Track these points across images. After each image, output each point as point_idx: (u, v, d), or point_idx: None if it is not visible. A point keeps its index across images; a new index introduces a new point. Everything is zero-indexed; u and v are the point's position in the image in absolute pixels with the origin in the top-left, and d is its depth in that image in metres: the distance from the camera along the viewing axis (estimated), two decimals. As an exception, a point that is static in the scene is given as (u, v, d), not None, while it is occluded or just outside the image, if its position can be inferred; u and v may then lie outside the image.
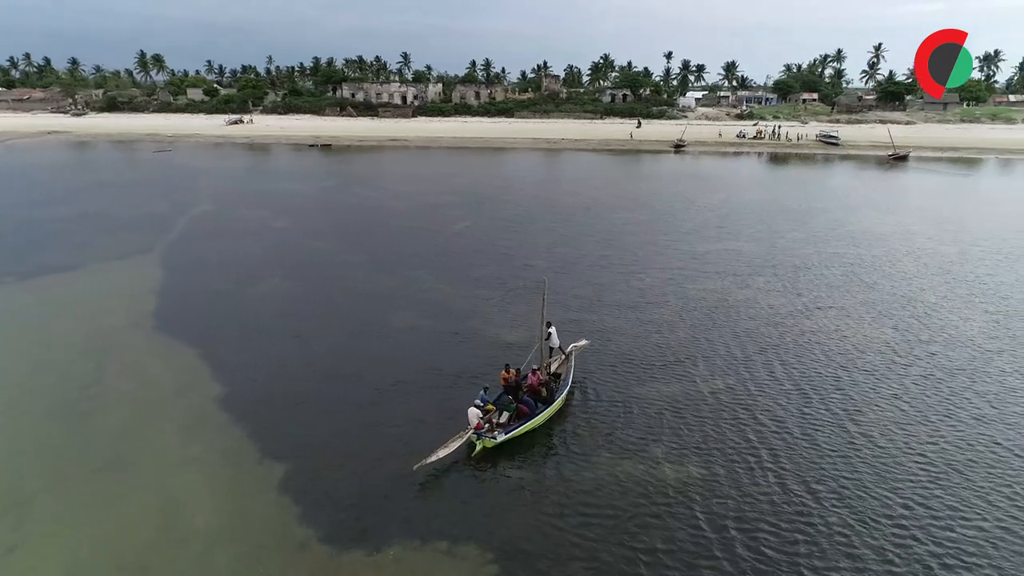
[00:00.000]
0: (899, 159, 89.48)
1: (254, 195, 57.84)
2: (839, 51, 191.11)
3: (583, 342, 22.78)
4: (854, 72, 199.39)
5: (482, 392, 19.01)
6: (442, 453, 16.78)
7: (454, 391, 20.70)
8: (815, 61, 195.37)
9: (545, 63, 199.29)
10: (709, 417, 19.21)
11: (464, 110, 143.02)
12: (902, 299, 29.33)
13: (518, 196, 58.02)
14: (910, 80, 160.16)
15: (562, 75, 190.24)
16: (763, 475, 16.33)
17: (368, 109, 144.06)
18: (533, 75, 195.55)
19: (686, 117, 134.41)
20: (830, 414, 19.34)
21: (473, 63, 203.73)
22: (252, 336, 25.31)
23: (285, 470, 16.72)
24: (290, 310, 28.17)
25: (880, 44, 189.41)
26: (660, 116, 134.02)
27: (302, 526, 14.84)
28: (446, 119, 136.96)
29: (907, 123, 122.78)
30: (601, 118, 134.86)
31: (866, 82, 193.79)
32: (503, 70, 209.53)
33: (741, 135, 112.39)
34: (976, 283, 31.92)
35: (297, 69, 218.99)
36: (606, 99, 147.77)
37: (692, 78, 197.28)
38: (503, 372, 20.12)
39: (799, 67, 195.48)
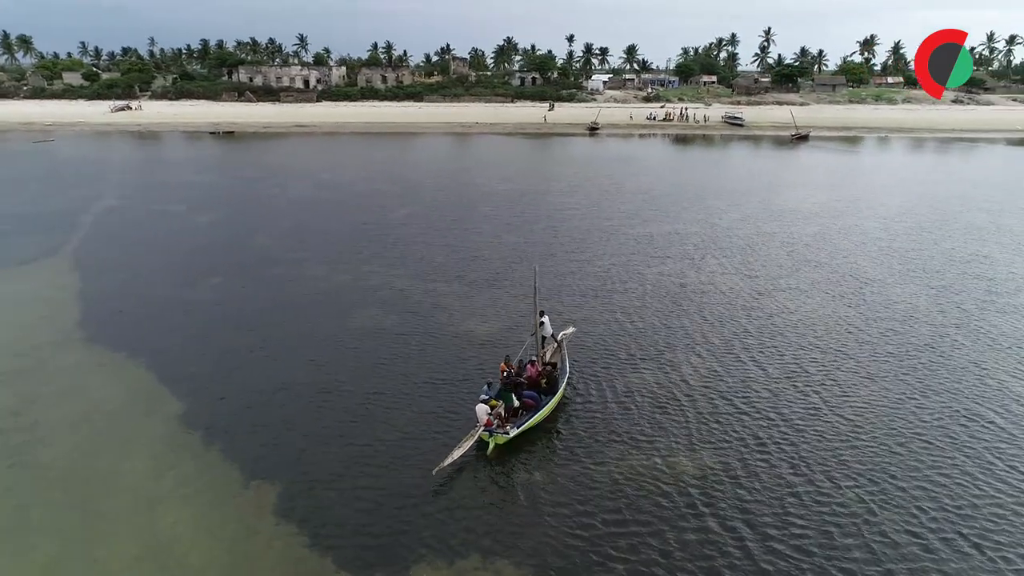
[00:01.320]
0: (801, 139, 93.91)
1: (163, 188, 53.60)
2: (733, 35, 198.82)
3: (570, 329, 22.18)
4: (746, 56, 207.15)
5: (485, 387, 18.15)
6: (457, 454, 15.91)
7: (442, 390, 19.62)
8: (711, 45, 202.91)
9: (448, 46, 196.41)
10: (704, 404, 18.98)
11: (371, 94, 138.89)
12: (848, 278, 30.32)
13: (449, 182, 56.68)
14: (797, 63, 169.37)
15: (467, 58, 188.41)
16: (771, 463, 16.18)
17: (269, 94, 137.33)
18: (438, 58, 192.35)
19: (595, 100, 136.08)
20: (819, 397, 19.50)
21: (375, 45, 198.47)
22: (203, 345, 23.12)
23: (280, 494, 15.16)
24: (239, 314, 26.01)
25: (769, 28, 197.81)
26: (570, 99, 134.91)
27: (314, 556, 13.44)
28: (353, 104, 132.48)
29: (802, 104, 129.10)
30: (512, 101, 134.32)
31: (758, 65, 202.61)
32: (405, 53, 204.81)
33: (651, 117, 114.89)
34: (908, 258, 33.55)
35: (185, 51, 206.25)
36: (516, 82, 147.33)
37: (596, 62, 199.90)
38: (502, 364, 19.34)
39: (696, 50, 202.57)
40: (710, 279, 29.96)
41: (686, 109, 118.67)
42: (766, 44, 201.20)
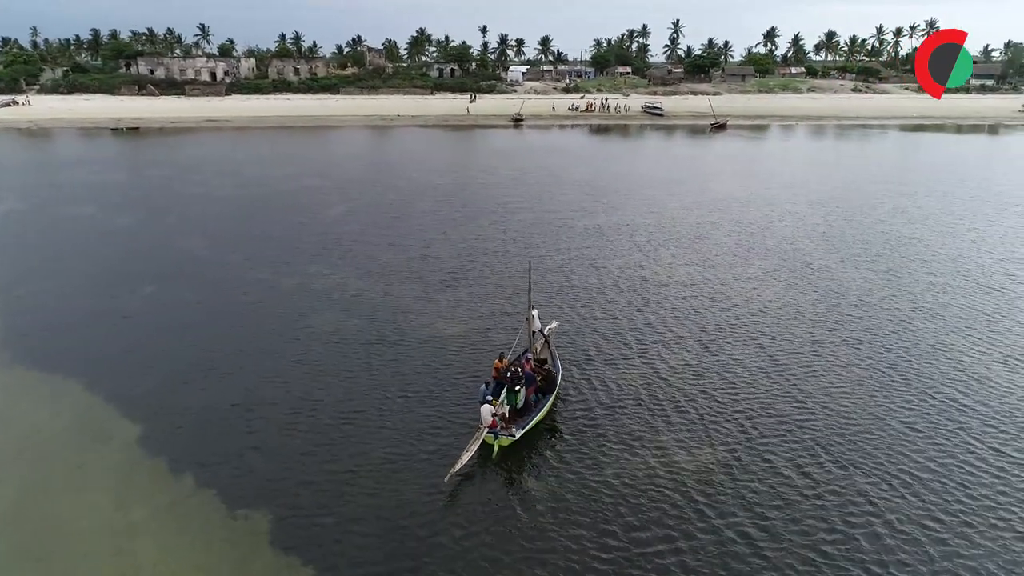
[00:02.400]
0: (719, 127, 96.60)
1: (71, 188, 49.42)
2: (644, 27, 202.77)
3: (554, 323, 21.49)
4: (656, 47, 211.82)
5: (483, 387, 17.30)
6: (465, 458, 15.08)
7: (424, 398, 18.50)
8: (623, 36, 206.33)
9: (360, 37, 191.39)
10: (690, 397, 18.68)
11: (284, 87, 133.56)
12: (800, 265, 30.89)
13: (382, 177, 54.85)
14: (706, 54, 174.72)
15: (382, 49, 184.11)
16: (763, 454, 16.03)
17: (173, 87, 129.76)
18: (350, 49, 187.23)
19: (515, 91, 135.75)
20: (799, 387, 19.55)
21: (282, 36, 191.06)
22: (146, 361, 21.03)
23: (273, 524, 13.77)
24: (181, 324, 23.89)
25: (678, 21, 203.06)
26: (490, 91, 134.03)
27: (322, 591, 12.27)
28: (265, 97, 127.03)
29: (715, 94, 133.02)
30: (432, 93, 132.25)
31: (668, 56, 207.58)
32: (315, 44, 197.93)
33: (574, 108, 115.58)
34: (848, 243, 34.63)
35: (74, 42, 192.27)
36: (434, 74, 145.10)
37: (512, 53, 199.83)
38: (496, 361, 18.55)
39: (609, 42, 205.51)
40: (669, 271, 29.86)
41: (606, 100, 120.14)
42: (675, 36, 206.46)
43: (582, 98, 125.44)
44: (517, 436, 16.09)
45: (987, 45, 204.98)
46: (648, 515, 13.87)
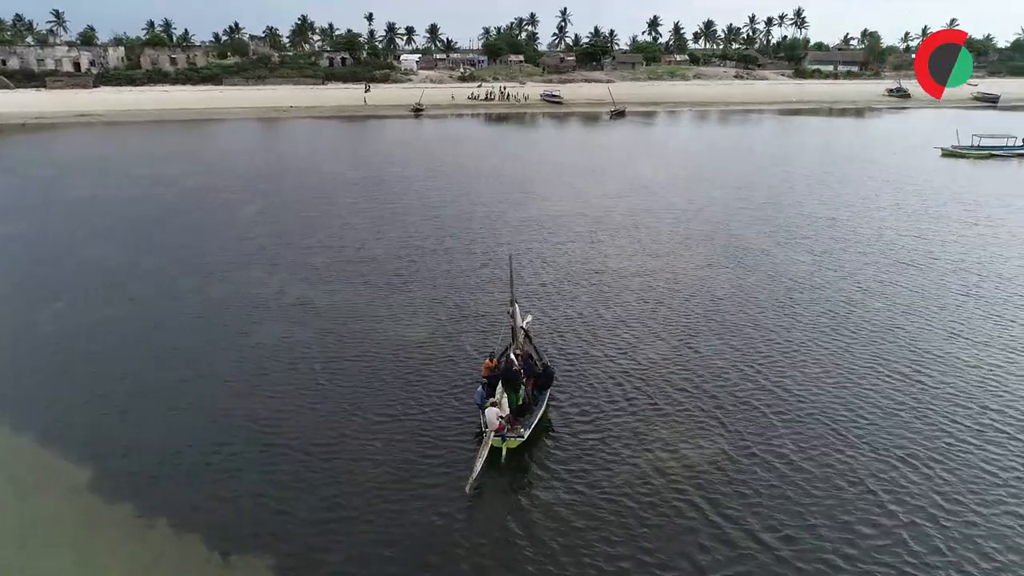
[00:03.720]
0: (618, 114, 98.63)
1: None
2: (532, 15, 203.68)
3: (529, 317, 20.65)
4: (545, 35, 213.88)
5: (480, 390, 16.48)
6: (479, 464, 14.27)
7: (409, 410, 17.11)
8: (512, 24, 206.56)
9: (237, 24, 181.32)
10: (683, 387, 18.27)
11: (160, 78, 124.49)
12: (739, 249, 31.29)
13: (290, 172, 51.99)
14: (595, 42, 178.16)
15: (264, 37, 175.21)
16: (754, 447, 15.99)
17: (30, 79, 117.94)
18: (227, 37, 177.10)
19: (411, 80, 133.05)
20: (779, 377, 19.65)
21: (150, 23, 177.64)
22: (77, 391, 18.39)
23: (275, 567, 12.26)
24: (109, 346, 21.20)
25: (565, 9, 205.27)
26: (385, 80, 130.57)
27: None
28: (140, 89, 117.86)
29: (608, 81, 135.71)
30: (324, 83, 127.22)
31: (557, 44, 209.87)
32: (187, 32, 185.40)
33: (473, 96, 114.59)
34: (777, 226, 35.71)
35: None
36: (324, 63, 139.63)
37: (401, 41, 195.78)
38: (488, 361, 17.65)
39: (498, 30, 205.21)
40: (619, 262, 29.60)
41: (504, 88, 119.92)
42: (563, 24, 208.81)
43: (479, 86, 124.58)
44: (525, 436, 15.47)
45: (847, 34, 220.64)
46: (663, 509, 13.39)
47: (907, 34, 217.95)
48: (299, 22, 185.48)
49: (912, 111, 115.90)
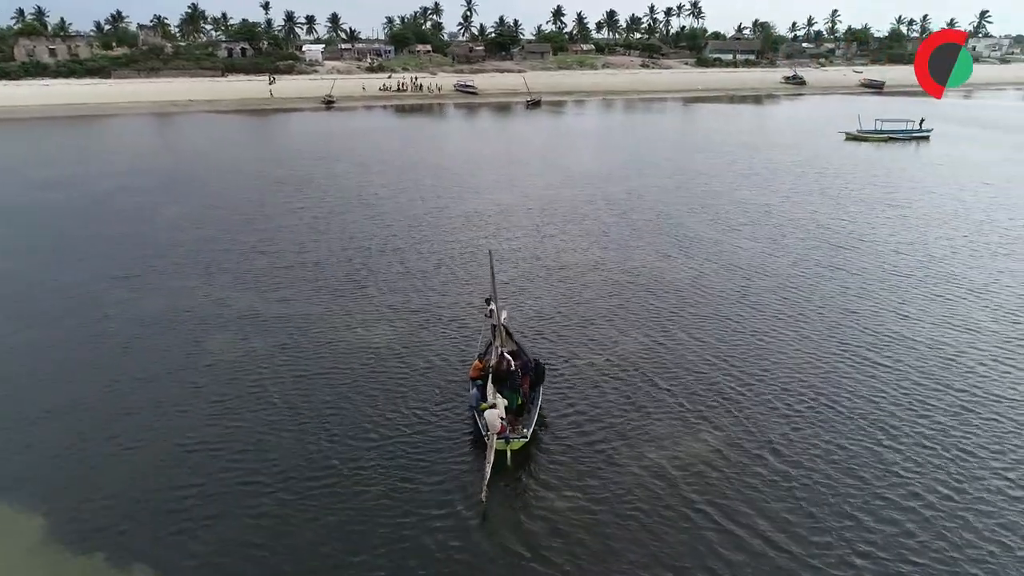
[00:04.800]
0: (535, 104, 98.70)
1: None
2: (436, 4, 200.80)
3: (504, 313, 19.93)
4: (449, 24, 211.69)
5: (475, 391, 15.94)
6: (489, 469, 13.83)
7: (392, 421, 16.03)
8: (416, 14, 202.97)
9: (120, 12, 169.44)
10: (669, 381, 18.05)
11: (38, 70, 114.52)
12: (689, 238, 31.48)
13: (205, 170, 48.84)
14: (501, 31, 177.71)
15: (152, 26, 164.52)
16: (749, 441, 16.04)
17: None
18: (110, 27, 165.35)
19: (317, 71, 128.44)
20: (757, 367, 19.81)
21: (20, 12, 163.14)
22: (10, 427, 16.30)
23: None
24: (40, 374, 18.90)
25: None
26: (290, 71, 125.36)
27: None
28: (16, 83, 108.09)
29: (519, 71, 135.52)
30: (223, 75, 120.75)
31: (463, 34, 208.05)
32: (63, 21, 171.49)
33: (385, 88, 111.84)
34: (718, 213, 36.35)
35: None
36: (223, 54, 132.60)
37: (301, 31, 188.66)
38: (476, 362, 17.11)
39: (402, 19, 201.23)
40: (573, 256, 28.97)
41: (416, 79, 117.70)
42: (468, 14, 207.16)
43: (390, 77, 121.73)
44: (528, 436, 15.06)
45: (740, 23, 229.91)
46: (671, 504, 13.20)
47: (794, 24, 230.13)
48: (189, 11, 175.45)
49: (808, 97, 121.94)
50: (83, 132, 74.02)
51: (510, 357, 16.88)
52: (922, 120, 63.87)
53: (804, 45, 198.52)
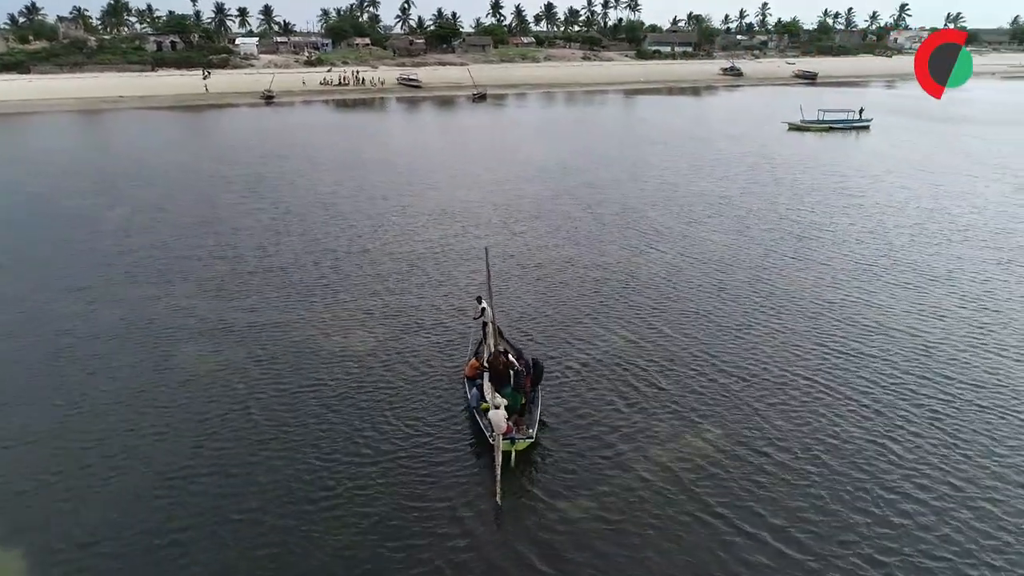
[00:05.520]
0: (480, 97, 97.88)
1: None
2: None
3: (488, 311, 19.47)
4: (387, 17, 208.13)
5: (475, 391, 15.63)
6: (499, 471, 13.56)
7: (385, 431, 15.31)
8: (352, 6, 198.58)
9: (35, 4, 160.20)
10: (656, 377, 17.84)
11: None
12: (657, 232, 31.40)
13: (146, 170, 46.38)
14: (439, 24, 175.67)
15: (72, 18, 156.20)
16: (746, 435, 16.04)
17: None
18: (25, 19, 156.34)
19: (252, 65, 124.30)
20: (738, 360, 19.87)
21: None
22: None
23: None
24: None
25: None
26: (224, 66, 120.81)
27: None
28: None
29: (461, 64, 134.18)
30: (153, 70, 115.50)
31: (401, 27, 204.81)
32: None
33: (325, 82, 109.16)
34: (681, 206, 36.57)
35: None
36: (151, 47, 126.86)
37: (233, 24, 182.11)
38: (473, 361, 17.01)
39: (338, 12, 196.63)
40: (546, 253, 28.47)
41: (357, 72, 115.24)
42: (406, 6, 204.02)
43: (329, 71, 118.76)
44: (534, 436, 14.82)
45: (675, 16, 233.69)
46: (678, 500, 12.99)
47: (727, 16, 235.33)
48: (111, 2, 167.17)
49: (745, 88, 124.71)
50: (3, 131, 69.58)
51: (512, 357, 16.63)
52: (861, 110, 66.04)
53: (738, 37, 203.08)
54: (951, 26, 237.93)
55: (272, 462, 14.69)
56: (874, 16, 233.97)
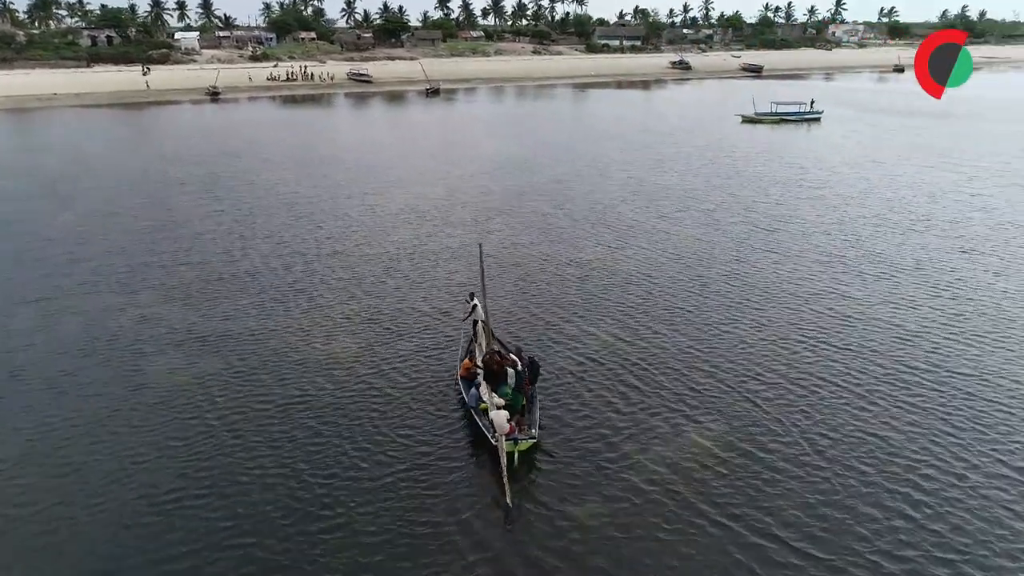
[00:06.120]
0: (434, 92, 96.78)
1: None
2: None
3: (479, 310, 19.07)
4: (332, 11, 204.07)
5: (474, 391, 15.41)
6: (506, 473, 13.41)
7: (376, 441, 14.76)
8: (295, 0, 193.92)
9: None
10: (648, 374, 17.68)
11: None
12: (628, 228, 31.40)
13: (94, 171, 44.09)
14: (387, 18, 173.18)
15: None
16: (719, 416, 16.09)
17: None
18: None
19: (195, 61, 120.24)
20: (721, 356, 19.89)
21: None
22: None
23: None
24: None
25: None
26: (164, 61, 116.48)
27: None
28: None
29: (412, 59, 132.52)
30: (89, 65, 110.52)
31: (347, 20, 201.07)
32: None
33: (273, 78, 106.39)
34: (648, 200, 36.67)
35: None
36: (85, 42, 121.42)
37: (171, 18, 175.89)
38: (467, 361, 17.00)
39: (281, 5, 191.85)
40: (522, 250, 28.18)
41: (306, 67, 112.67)
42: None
43: (276, 66, 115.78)
44: (536, 436, 14.69)
45: (621, 10, 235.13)
46: (681, 497, 12.88)
47: (671, 11, 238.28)
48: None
49: (694, 81, 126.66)
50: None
51: (513, 356, 16.38)
52: (812, 102, 67.57)
53: (684, 31, 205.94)
54: (885, 20, 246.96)
55: (265, 480, 13.94)
56: (812, 11, 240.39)
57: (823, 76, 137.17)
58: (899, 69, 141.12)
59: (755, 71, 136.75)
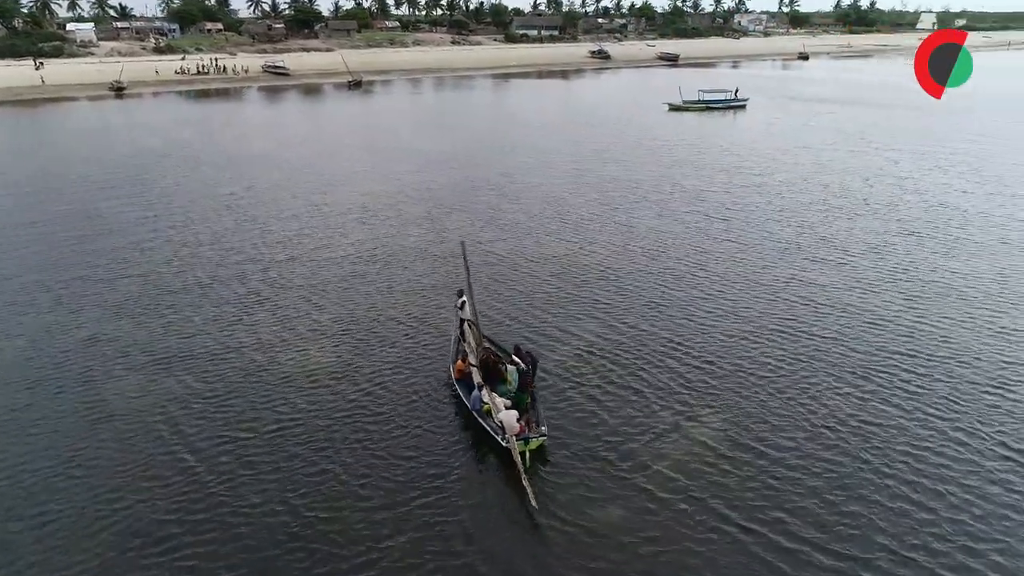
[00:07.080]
0: (356, 84, 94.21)
1: None
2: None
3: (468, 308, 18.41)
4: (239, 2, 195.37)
5: (477, 392, 14.97)
6: (523, 473, 13.22)
7: (378, 457, 13.88)
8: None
9: None
10: (642, 368, 17.44)
11: None
12: (586, 220, 31.16)
13: (16, 173, 40.40)
14: (298, 8, 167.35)
15: None
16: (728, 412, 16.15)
17: None
18: None
19: (92, 54, 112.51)
20: (710, 351, 19.94)
21: None
22: None
23: None
24: None
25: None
26: (58, 54, 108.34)
27: None
28: None
29: (327, 50, 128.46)
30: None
31: (254, 10, 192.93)
32: None
33: (182, 71, 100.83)
34: (612, 194, 36.42)
35: None
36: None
37: (60, 8, 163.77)
38: (459, 362, 16.56)
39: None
40: (488, 247, 27.38)
41: (216, 60, 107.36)
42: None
43: (183, 59, 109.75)
44: (547, 434, 14.40)
45: (536, 2, 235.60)
46: (692, 494, 12.80)
47: (584, 1, 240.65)
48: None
49: (613, 70, 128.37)
50: None
51: (514, 355, 16.04)
52: (736, 90, 69.45)
53: (599, 20, 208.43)
54: (786, 10, 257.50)
55: (264, 520, 12.66)
56: (718, 0, 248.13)
57: (731, 64, 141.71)
58: (804, 56, 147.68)
59: (671, 60, 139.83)
